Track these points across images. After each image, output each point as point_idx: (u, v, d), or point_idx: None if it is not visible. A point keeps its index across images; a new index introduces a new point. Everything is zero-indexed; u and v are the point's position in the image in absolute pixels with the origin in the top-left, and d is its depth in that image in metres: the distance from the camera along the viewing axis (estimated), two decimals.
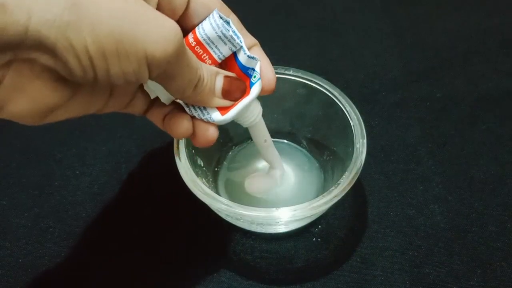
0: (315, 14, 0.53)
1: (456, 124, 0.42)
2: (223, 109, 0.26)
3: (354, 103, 0.33)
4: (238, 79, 0.26)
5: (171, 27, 0.20)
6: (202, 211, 0.33)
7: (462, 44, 0.49)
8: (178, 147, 0.31)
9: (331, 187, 0.29)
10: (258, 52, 0.27)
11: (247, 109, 0.27)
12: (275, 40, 0.49)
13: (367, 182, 0.37)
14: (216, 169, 0.37)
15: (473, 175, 0.38)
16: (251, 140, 0.39)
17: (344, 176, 0.29)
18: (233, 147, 0.39)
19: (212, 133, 0.26)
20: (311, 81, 0.34)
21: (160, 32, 0.20)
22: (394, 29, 0.50)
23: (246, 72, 0.26)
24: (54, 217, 0.36)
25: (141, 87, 0.26)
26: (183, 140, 0.31)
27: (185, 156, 0.30)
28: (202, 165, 0.34)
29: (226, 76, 0.25)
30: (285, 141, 0.39)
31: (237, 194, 0.36)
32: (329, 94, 0.34)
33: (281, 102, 0.37)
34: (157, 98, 0.26)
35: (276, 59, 0.26)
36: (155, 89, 0.26)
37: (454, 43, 0.49)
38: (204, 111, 0.26)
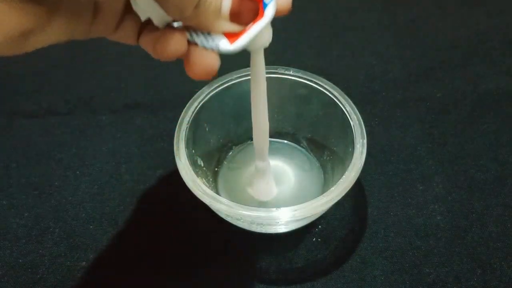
0: (315, 14, 0.53)
1: (456, 124, 0.42)
2: (231, 36, 0.22)
3: (354, 103, 0.33)
4: None
5: None
6: (202, 211, 0.33)
7: (462, 44, 0.49)
8: (178, 147, 0.31)
9: (331, 187, 0.29)
10: None
11: (260, 33, 0.23)
12: (275, 40, 0.49)
13: (367, 182, 0.37)
14: (216, 169, 0.37)
15: (473, 175, 0.38)
16: (251, 140, 0.39)
17: (344, 176, 0.29)
18: (233, 147, 0.39)
19: (212, 62, 0.22)
20: (311, 81, 0.34)
21: None
22: (394, 29, 0.50)
23: None
24: (54, 217, 0.36)
25: (130, 8, 0.22)
26: (183, 140, 0.31)
27: (185, 156, 0.30)
28: (202, 165, 0.34)
29: None
30: (285, 141, 0.39)
31: (237, 194, 0.36)
32: (329, 94, 0.34)
33: (281, 102, 0.37)
34: (149, 21, 0.23)
35: (276, 59, 0.26)
36: (146, 8, 0.22)
37: (454, 43, 0.49)
38: (208, 38, 0.22)
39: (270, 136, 0.39)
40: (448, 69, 0.46)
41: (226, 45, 0.22)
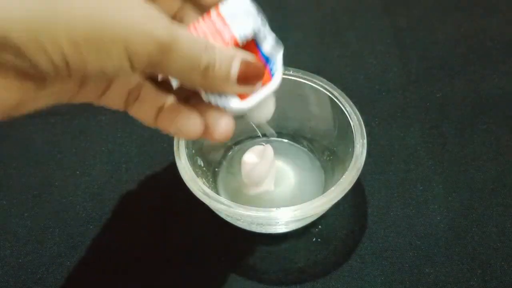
0: (315, 14, 0.53)
1: (456, 124, 0.42)
2: (242, 96, 0.24)
3: (354, 103, 0.33)
4: (256, 62, 0.23)
5: (154, 18, 0.18)
6: (202, 211, 0.32)
7: (462, 44, 0.49)
8: (178, 147, 0.31)
9: (331, 187, 0.29)
10: None
11: (266, 102, 0.25)
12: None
13: (367, 182, 0.37)
14: (216, 169, 0.37)
15: (473, 175, 0.38)
16: (251, 139, 0.39)
17: (344, 176, 0.29)
18: (233, 147, 0.39)
19: (226, 127, 0.23)
20: (311, 81, 0.34)
21: (140, 25, 0.17)
22: (394, 29, 0.50)
23: (267, 62, 0.25)
24: (54, 217, 0.36)
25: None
26: (183, 140, 0.31)
27: (185, 156, 0.30)
28: (202, 165, 0.34)
29: (243, 61, 0.22)
30: (286, 141, 0.39)
31: (237, 194, 0.36)
32: (329, 94, 0.34)
33: (281, 102, 0.37)
34: (139, 88, 0.24)
35: None
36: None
37: (454, 43, 0.49)
38: (222, 97, 0.23)
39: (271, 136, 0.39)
40: (448, 69, 0.46)
41: (237, 104, 0.23)
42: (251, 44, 0.24)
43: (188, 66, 0.20)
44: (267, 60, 0.25)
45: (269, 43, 0.24)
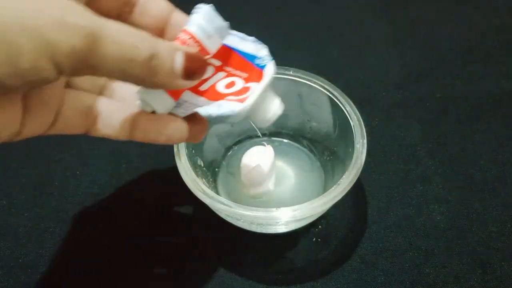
0: (315, 14, 0.53)
1: (456, 124, 0.42)
2: (240, 99, 0.23)
3: (354, 103, 0.33)
4: (199, 54, 0.22)
5: (74, 8, 0.16)
6: (202, 211, 0.33)
7: (462, 44, 0.49)
8: (178, 147, 0.31)
9: (331, 187, 0.29)
10: (182, 16, 0.24)
11: (268, 99, 0.25)
12: (275, 40, 0.49)
13: (367, 182, 0.37)
14: (216, 169, 0.37)
15: (473, 175, 0.38)
16: (250, 139, 0.39)
17: (344, 176, 0.29)
18: (233, 147, 0.39)
19: (202, 129, 0.25)
20: (311, 81, 0.34)
21: (57, 14, 0.15)
22: (394, 29, 0.50)
23: (251, 59, 0.25)
24: (54, 217, 0.36)
25: (68, 94, 0.23)
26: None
27: (185, 156, 0.30)
28: (202, 165, 0.34)
29: (186, 53, 0.21)
30: (285, 140, 0.39)
31: (237, 194, 0.36)
32: (329, 94, 0.34)
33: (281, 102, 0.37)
34: (97, 106, 0.23)
35: (276, 59, 0.26)
36: (149, 99, 0.22)
37: (454, 43, 0.49)
38: (221, 106, 0.23)
39: (271, 136, 0.39)
40: (448, 69, 0.46)
41: (236, 106, 0.23)
42: (225, 49, 0.24)
43: (124, 57, 0.18)
44: (250, 58, 0.25)
45: (247, 42, 0.24)
